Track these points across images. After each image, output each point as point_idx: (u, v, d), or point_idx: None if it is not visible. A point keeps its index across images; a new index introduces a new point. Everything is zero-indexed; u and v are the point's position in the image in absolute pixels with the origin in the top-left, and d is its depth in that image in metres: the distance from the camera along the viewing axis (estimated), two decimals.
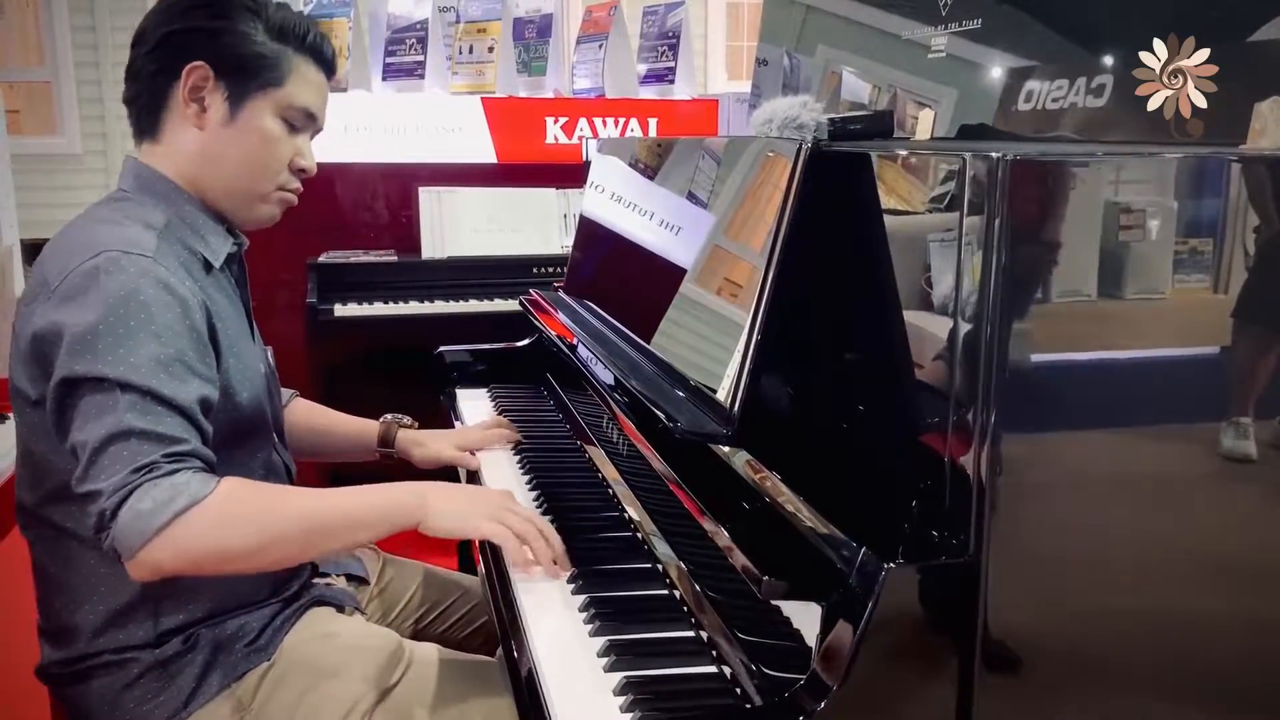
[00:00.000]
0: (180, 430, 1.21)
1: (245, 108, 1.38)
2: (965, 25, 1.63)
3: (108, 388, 1.19)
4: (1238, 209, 0.96)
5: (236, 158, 1.40)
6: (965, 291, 0.91)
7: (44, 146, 6.37)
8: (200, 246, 1.38)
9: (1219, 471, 0.99)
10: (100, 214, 1.35)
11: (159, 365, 1.21)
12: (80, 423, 1.20)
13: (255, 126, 1.39)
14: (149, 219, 1.34)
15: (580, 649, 1.18)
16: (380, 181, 3.33)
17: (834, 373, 1.22)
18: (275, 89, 1.39)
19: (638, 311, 1.53)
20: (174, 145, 1.39)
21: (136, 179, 1.40)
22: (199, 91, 1.36)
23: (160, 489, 1.16)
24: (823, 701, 0.89)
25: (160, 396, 1.20)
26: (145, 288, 1.23)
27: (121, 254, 1.25)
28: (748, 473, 1.12)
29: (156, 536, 1.15)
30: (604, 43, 3.60)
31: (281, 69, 1.39)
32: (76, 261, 1.25)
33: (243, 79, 1.37)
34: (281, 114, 1.41)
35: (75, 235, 1.32)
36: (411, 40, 3.43)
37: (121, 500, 1.15)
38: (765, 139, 1.36)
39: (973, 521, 0.92)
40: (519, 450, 1.84)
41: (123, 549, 1.17)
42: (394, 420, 1.82)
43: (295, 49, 1.41)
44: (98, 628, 1.34)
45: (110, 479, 1.16)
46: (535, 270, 3.17)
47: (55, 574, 1.36)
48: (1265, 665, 1.03)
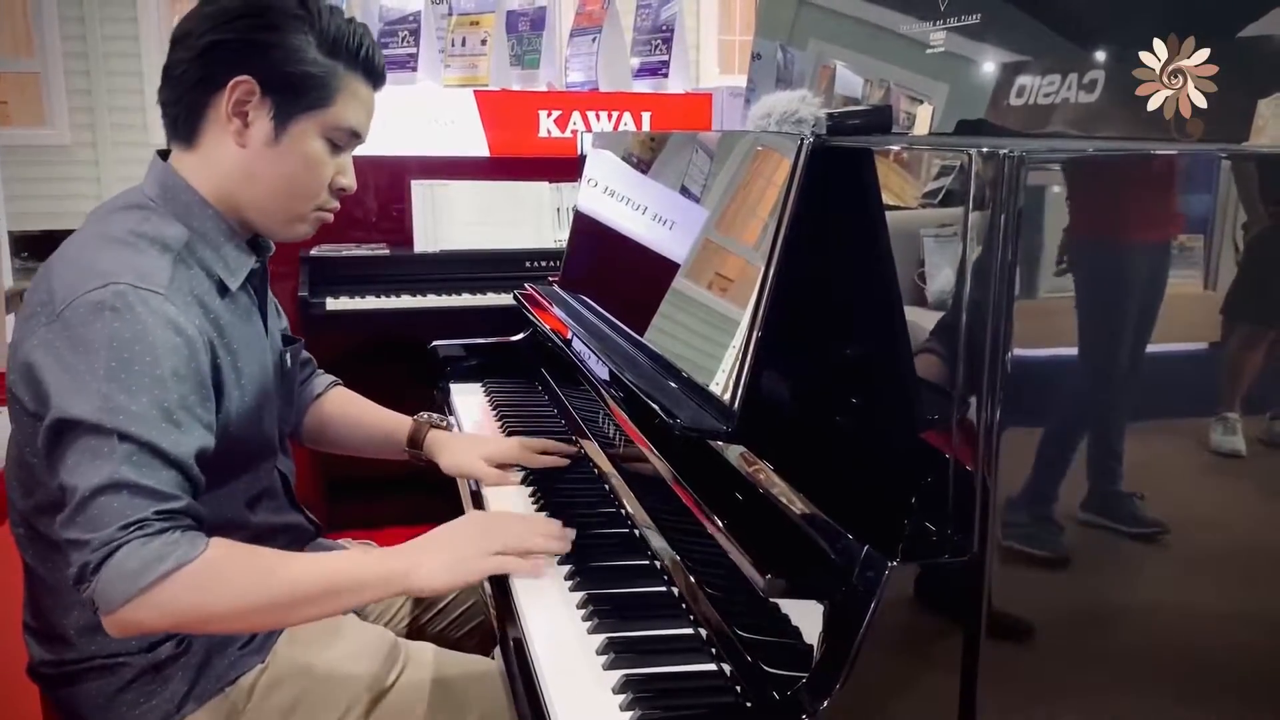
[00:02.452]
0: (174, 486, 1.17)
1: (290, 128, 1.33)
2: (964, 20, 1.62)
3: (104, 434, 1.14)
4: (1226, 206, 0.95)
5: (277, 179, 1.35)
6: (970, 288, 0.91)
7: (32, 138, 6.34)
8: (219, 268, 1.34)
9: (1214, 466, 0.99)
10: (116, 229, 1.28)
11: (161, 414, 1.17)
12: (73, 464, 1.15)
13: (300, 149, 1.34)
14: (167, 238, 1.29)
15: (579, 647, 1.17)
16: (372, 174, 3.31)
17: (834, 369, 1.21)
18: (323, 109, 1.34)
19: (634, 306, 1.52)
20: (211, 158, 1.34)
21: (162, 187, 1.34)
22: (243, 106, 1.30)
23: (149, 549, 1.12)
24: (825, 700, 0.89)
25: (158, 450, 1.16)
26: (153, 329, 1.19)
27: (131, 289, 1.19)
28: (748, 469, 1.12)
29: (138, 596, 1.11)
30: (598, 36, 3.59)
31: (331, 87, 1.33)
32: (85, 288, 1.19)
33: (291, 98, 1.31)
34: (326, 134, 1.35)
35: (88, 251, 1.26)
36: (404, 32, 3.41)
37: (106, 556, 1.12)
38: (765, 133, 1.35)
39: (976, 519, 0.91)
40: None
41: (102, 604, 1.13)
42: (427, 420, 1.75)
43: (346, 65, 1.35)
44: (88, 632, 1.31)
45: (97, 532, 1.12)
46: (528, 264, 3.16)
47: (44, 576, 1.34)
48: (1260, 658, 1.03)
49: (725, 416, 1.16)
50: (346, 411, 1.76)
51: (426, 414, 1.77)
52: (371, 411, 1.78)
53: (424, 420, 1.75)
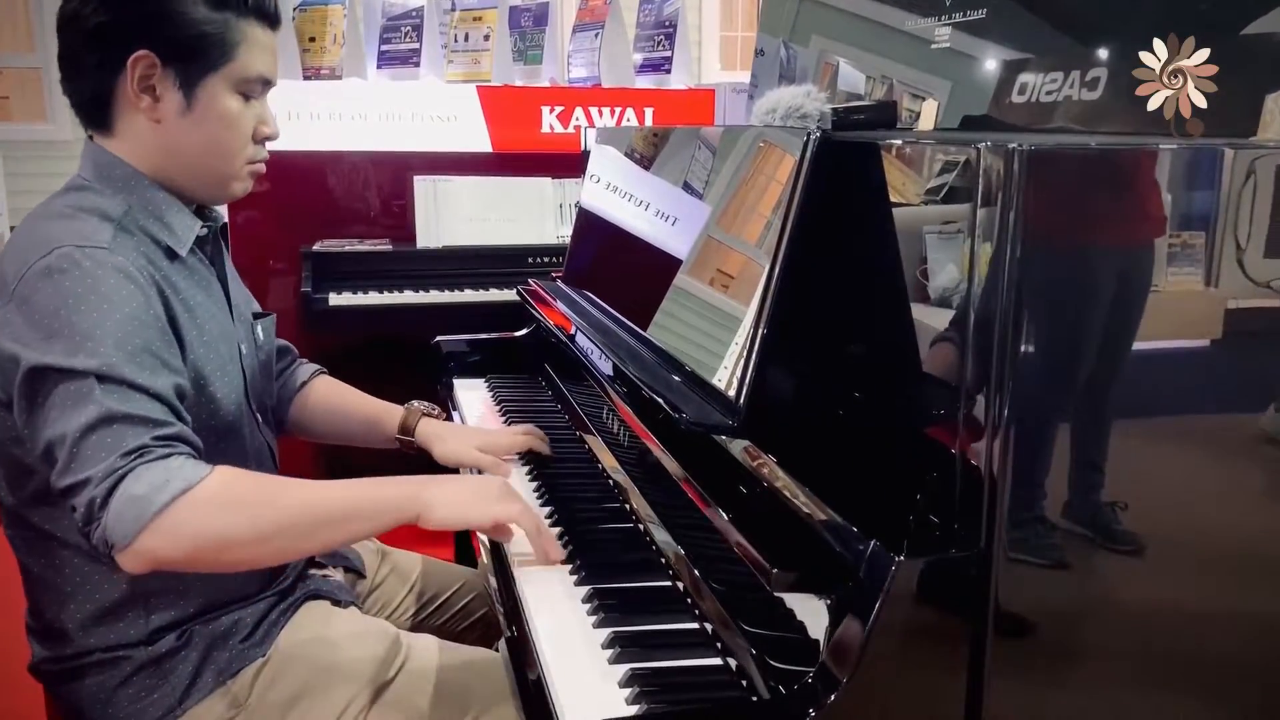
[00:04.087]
0: (163, 414, 1.16)
1: (200, 93, 1.31)
2: (970, 16, 1.62)
3: (81, 378, 1.13)
4: (1230, 201, 0.95)
5: (200, 145, 1.33)
6: (979, 283, 0.91)
7: (33, 133, 6.33)
8: (164, 235, 1.33)
9: (1234, 461, 0.99)
10: (55, 208, 1.29)
11: (129, 355, 1.16)
12: (55, 415, 1.13)
13: (214, 110, 1.32)
14: (106, 209, 1.28)
15: (584, 641, 1.17)
16: (375, 170, 3.31)
17: (839, 364, 1.21)
18: (227, 64, 1.31)
19: (638, 302, 1.52)
20: (131, 138, 1.33)
21: (95, 165, 1.33)
22: (147, 81, 1.29)
23: (154, 472, 1.11)
24: (833, 694, 0.89)
25: (136, 384, 1.15)
26: (103, 279, 1.18)
27: (75, 248, 1.19)
28: (754, 464, 1.12)
29: (153, 521, 1.09)
30: (600, 31, 3.58)
31: (228, 41, 1.31)
32: (31, 259, 1.19)
33: (192, 62, 1.30)
34: (237, 88, 1.34)
35: (30, 232, 1.26)
36: (407, 28, 3.40)
37: (113, 486, 1.09)
38: (770, 129, 1.35)
39: (984, 514, 0.91)
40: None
41: (116, 537, 1.10)
42: (418, 408, 1.74)
43: (238, 13, 1.32)
44: (87, 626, 1.31)
45: (97, 465, 1.10)
46: (530, 260, 3.16)
47: (40, 574, 1.33)
48: (1275, 654, 1.03)
49: (730, 412, 1.16)
50: (332, 400, 1.74)
51: (417, 402, 1.75)
52: (358, 399, 1.76)
53: (415, 408, 1.73)
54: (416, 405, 1.74)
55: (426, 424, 1.71)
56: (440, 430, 1.70)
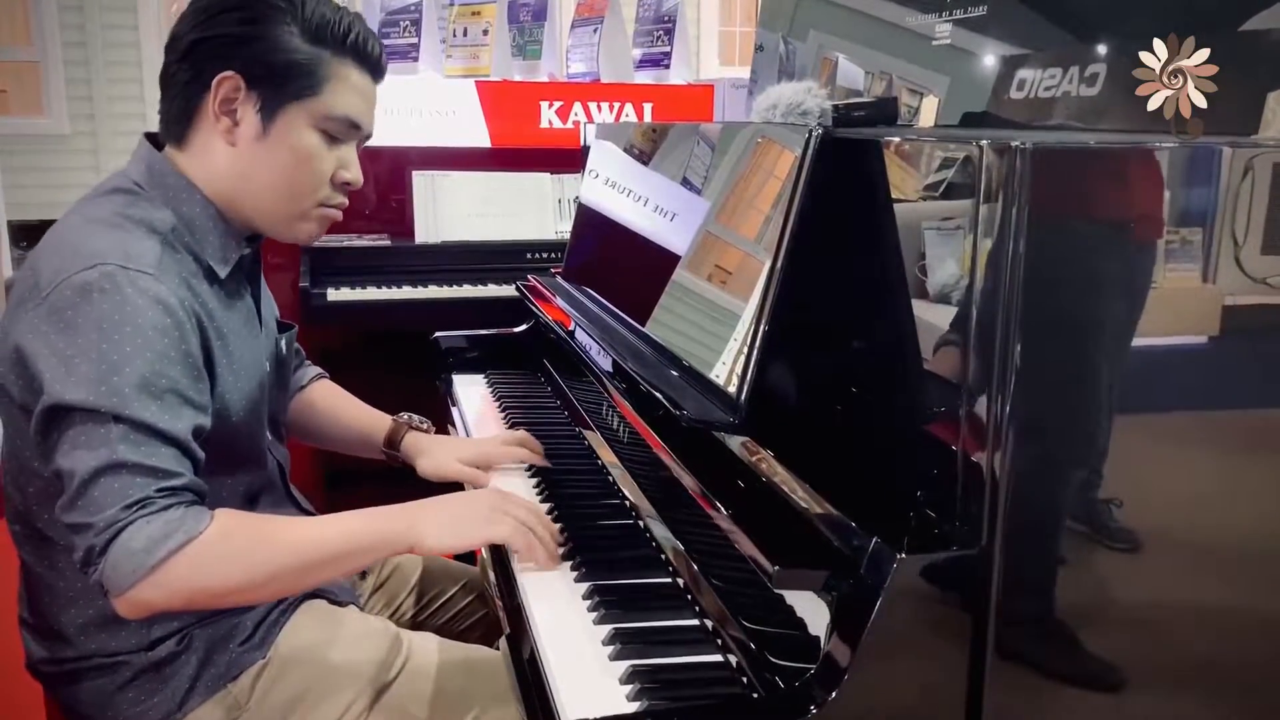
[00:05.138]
0: (173, 463, 1.16)
1: (279, 120, 1.30)
2: (971, 12, 1.62)
3: (100, 418, 1.13)
4: (1238, 197, 0.95)
5: (271, 174, 1.32)
6: (979, 280, 0.91)
7: (31, 127, 6.33)
8: (207, 254, 1.32)
9: (1233, 458, 0.99)
10: (102, 211, 1.27)
11: (152, 396, 1.16)
12: (68, 449, 1.14)
13: (290, 141, 1.31)
14: (154, 221, 1.27)
15: (585, 637, 1.17)
16: (373, 165, 3.30)
17: (839, 360, 1.22)
18: (311, 98, 1.30)
19: (638, 297, 1.52)
20: (202, 155, 1.32)
21: (149, 170, 1.32)
22: (230, 103, 1.28)
23: (153, 525, 1.12)
24: (834, 691, 0.89)
25: (153, 429, 1.15)
26: (142, 309, 1.17)
27: (119, 269, 1.18)
28: (754, 461, 1.12)
29: (149, 575, 1.11)
30: (599, 26, 3.58)
31: (317, 75, 1.30)
32: (71, 269, 1.18)
33: (276, 88, 1.29)
34: (319, 125, 1.32)
35: (74, 234, 1.24)
36: (405, 22, 3.40)
37: (112, 537, 1.11)
38: (770, 125, 1.35)
39: (985, 511, 0.92)
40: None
41: (112, 587, 1.13)
42: (406, 421, 1.71)
43: (334, 51, 1.31)
44: (87, 631, 1.30)
45: (101, 513, 1.12)
46: (529, 255, 3.15)
47: (40, 574, 1.32)
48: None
49: (731, 408, 1.16)
50: (328, 406, 1.73)
51: (407, 415, 1.73)
52: (352, 408, 1.75)
53: (403, 421, 1.71)
54: (405, 418, 1.72)
55: (412, 438, 1.69)
56: (424, 444, 1.68)
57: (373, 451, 1.72)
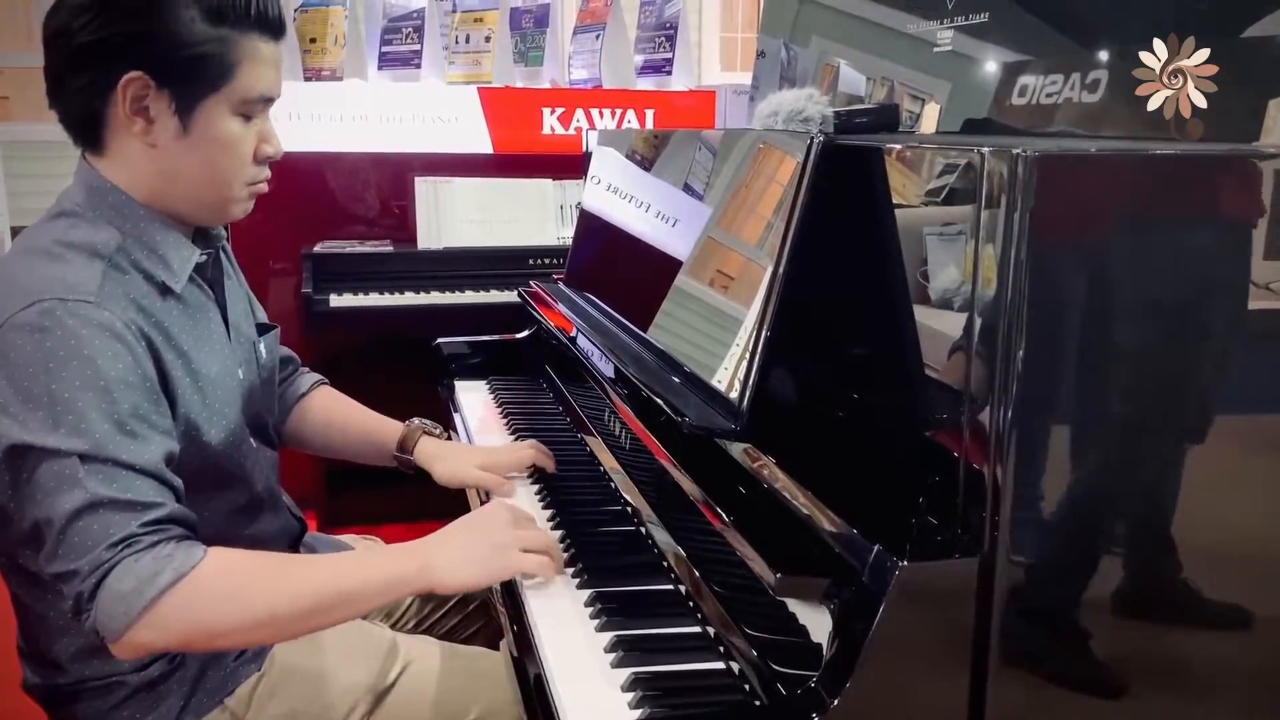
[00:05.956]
0: (152, 494, 1.11)
1: (197, 115, 1.22)
2: (973, 19, 1.62)
3: (63, 457, 1.08)
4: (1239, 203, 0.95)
5: (198, 169, 1.25)
6: (982, 285, 0.91)
7: (35, 133, 6.33)
8: (158, 270, 1.25)
9: (1236, 462, 0.99)
10: (43, 241, 1.21)
11: (115, 427, 1.10)
12: (40, 497, 1.08)
13: (213, 133, 1.23)
14: (96, 245, 1.20)
15: (587, 644, 1.17)
16: (375, 171, 3.31)
17: (841, 366, 1.21)
18: (227, 85, 1.22)
19: (640, 303, 1.52)
20: (124, 161, 1.24)
21: (88, 190, 1.25)
22: (141, 102, 1.20)
23: (142, 564, 1.07)
24: (836, 698, 0.89)
25: (122, 463, 1.09)
26: (88, 340, 1.11)
27: (58, 302, 1.12)
28: (756, 467, 1.12)
29: (141, 616, 1.06)
30: (601, 33, 3.59)
31: (228, 60, 1.21)
32: (11, 310, 1.12)
33: (189, 84, 1.20)
34: (237, 110, 1.25)
35: (14, 268, 1.18)
36: (408, 29, 3.40)
37: (100, 580, 1.06)
38: (771, 132, 1.35)
39: (987, 518, 0.91)
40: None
41: (106, 633, 1.07)
42: (419, 426, 1.67)
43: (240, 29, 1.22)
44: (79, 659, 1.27)
45: (83, 557, 1.06)
46: (531, 262, 3.16)
47: (30, 605, 1.29)
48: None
49: (733, 414, 1.16)
50: (331, 413, 1.69)
51: (419, 420, 1.70)
52: (358, 414, 1.70)
53: (415, 426, 1.67)
54: (418, 423, 1.68)
55: (426, 443, 1.65)
56: (440, 450, 1.65)
57: (383, 458, 1.68)
